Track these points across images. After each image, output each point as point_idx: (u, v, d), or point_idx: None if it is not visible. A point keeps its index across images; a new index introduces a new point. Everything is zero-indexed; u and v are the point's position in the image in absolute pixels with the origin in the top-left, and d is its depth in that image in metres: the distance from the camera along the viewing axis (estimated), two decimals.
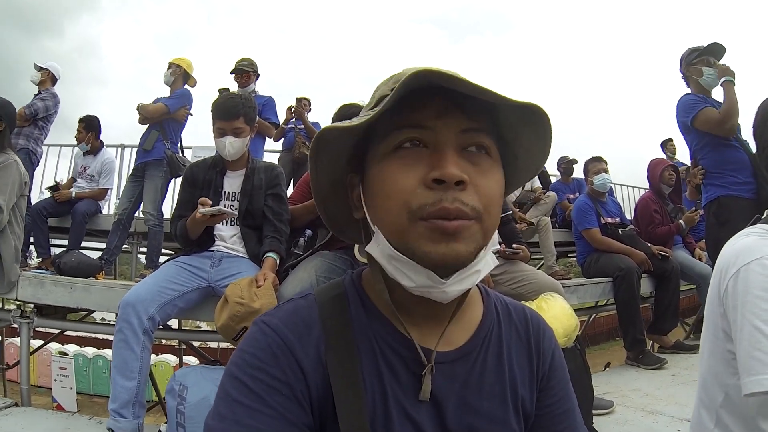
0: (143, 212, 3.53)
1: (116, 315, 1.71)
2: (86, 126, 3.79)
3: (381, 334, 0.52)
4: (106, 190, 3.89)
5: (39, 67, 3.65)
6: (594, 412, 1.91)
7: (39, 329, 2.87)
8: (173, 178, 3.61)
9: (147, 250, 3.61)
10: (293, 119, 4.13)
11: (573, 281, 3.20)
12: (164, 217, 3.52)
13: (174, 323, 2.90)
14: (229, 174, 2.03)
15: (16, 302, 2.35)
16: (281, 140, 4.28)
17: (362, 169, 0.53)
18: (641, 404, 2.16)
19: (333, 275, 1.83)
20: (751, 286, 0.77)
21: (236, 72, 3.67)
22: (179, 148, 3.69)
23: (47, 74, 3.64)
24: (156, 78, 3.85)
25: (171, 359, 7.49)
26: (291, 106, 4.13)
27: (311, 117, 4.20)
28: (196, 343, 3.42)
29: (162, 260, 3.11)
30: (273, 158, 4.52)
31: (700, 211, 3.35)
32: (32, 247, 3.57)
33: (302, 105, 4.10)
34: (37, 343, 4.65)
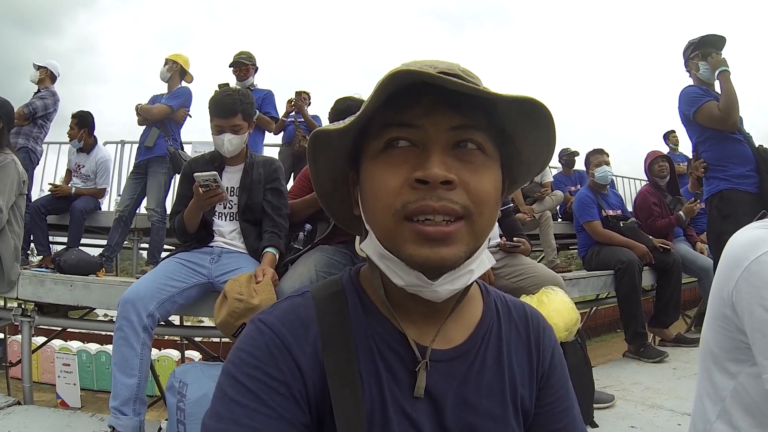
0: (147, 209, 3.51)
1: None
2: (79, 122, 3.66)
3: (378, 332, 0.51)
4: (104, 190, 3.87)
5: (38, 66, 3.62)
6: (595, 406, 1.91)
7: (42, 326, 2.88)
8: (176, 174, 3.59)
9: (149, 246, 3.60)
10: (293, 112, 4.13)
11: (574, 274, 3.20)
12: (167, 214, 3.50)
13: (176, 319, 2.91)
14: (228, 169, 2.02)
15: (17, 301, 2.35)
16: (281, 134, 4.28)
17: (359, 167, 0.52)
18: (642, 398, 2.16)
19: (333, 270, 1.81)
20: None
21: (235, 65, 3.65)
22: (179, 145, 3.67)
23: (46, 72, 3.61)
24: (156, 75, 3.82)
25: (173, 354, 7.54)
26: (291, 99, 4.12)
27: (311, 110, 4.19)
28: (198, 338, 3.42)
29: (163, 256, 3.11)
30: (273, 152, 4.50)
31: (700, 203, 3.34)
32: (33, 245, 3.56)
33: (302, 98, 4.10)
34: (40, 340, 4.68)
